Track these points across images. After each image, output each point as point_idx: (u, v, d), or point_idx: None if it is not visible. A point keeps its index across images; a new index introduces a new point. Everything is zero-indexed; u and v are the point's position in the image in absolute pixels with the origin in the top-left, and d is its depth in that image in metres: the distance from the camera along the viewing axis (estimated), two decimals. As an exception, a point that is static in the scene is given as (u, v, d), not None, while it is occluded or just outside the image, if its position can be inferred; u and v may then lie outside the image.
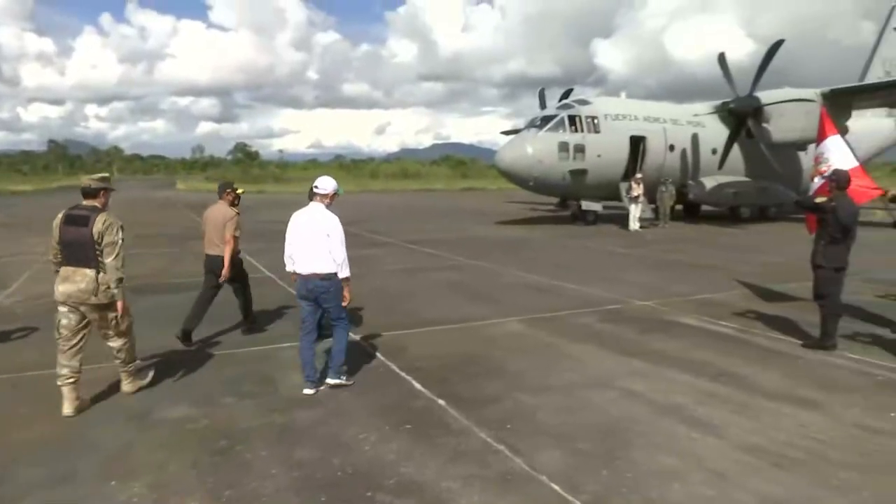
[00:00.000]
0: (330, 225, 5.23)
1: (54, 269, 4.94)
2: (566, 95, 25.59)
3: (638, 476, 3.84)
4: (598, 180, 21.53)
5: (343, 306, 5.45)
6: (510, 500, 3.56)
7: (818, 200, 6.91)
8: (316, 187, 5.42)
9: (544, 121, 21.53)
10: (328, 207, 5.39)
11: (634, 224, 20.27)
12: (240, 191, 7.37)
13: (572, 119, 21.21)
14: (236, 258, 7.07)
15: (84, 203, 4.94)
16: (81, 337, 4.93)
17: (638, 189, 20.47)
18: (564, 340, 6.99)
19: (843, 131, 20.95)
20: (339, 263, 5.24)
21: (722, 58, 22.87)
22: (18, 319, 7.85)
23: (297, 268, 5.36)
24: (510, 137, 24.56)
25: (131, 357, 5.24)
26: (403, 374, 5.78)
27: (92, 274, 4.79)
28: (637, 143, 21.98)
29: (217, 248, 6.92)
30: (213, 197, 7.38)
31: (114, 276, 4.81)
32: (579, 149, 21.01)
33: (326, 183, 5.43)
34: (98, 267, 4.80)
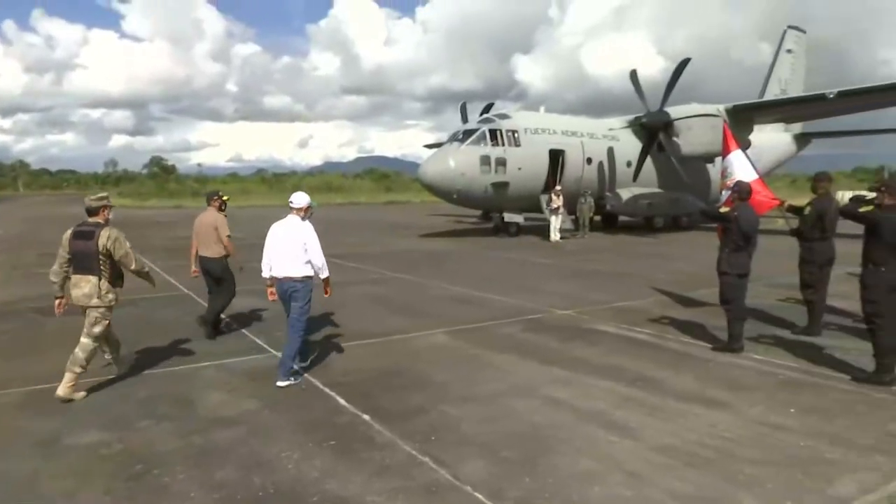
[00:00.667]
0: (305, 235, 5.90)
1: (53, 280, 5.65)
2: (487, 109, 26.05)
3: (559, 480, 3.93)
4: (520, 193, 21.98)
5: (308, 310, 6.05)
6: (435, 512, 3.57)
7: (722, 210, 7.30)
8: (291, 202, 6.11)
9: (466, 134, 21.82)
10: (305, 219, 6.08)
11: (555, 235, 20.78)
12: (225, 198, 8.10)
13: (493, 133, 21.60)
14: (224, 260, 7.73)
15: (89, 220, 5.67)
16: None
17: (558, 201, 21.02)
18: (488, 351, 7.08)
19: (746, 145, 22.25)
20: (320, 267, 5.92)
21: (633, 74, 23.89)
22: None
23: (275, 272, 5.99)
24: (433, 151, 24.77)
25: (84, 363, 5.55)
26: (327, 390, 5.70)
27: (94, 280, 5.53)
28: (556, 157, 22.60)
29: (210, 250, 7.64)
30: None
31: (142, 271, 5.83)
32: (500, 162, 21.40)
33: (300, 198, 6.11)
34: (100, 275, 5.53)
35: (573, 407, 5.27)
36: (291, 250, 5.91)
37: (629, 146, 24.57)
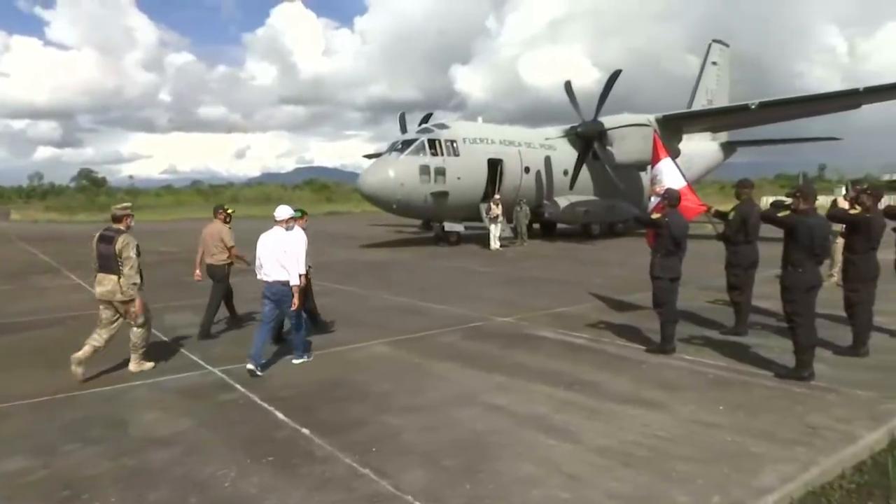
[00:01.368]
0: (287, 244, 6.76)
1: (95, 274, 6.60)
2: (426, 119, 26.18)
3: (500, 486, 3.98)
4: (459, 202, 22.16)
5: (297, 310, 6.85)
6: (376, 523, 3.57)
7: (653, 217, 7.55)
8: (274, 215, 6.97)
9: (405, 144, 21.88)
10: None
11: (495, 243, 21.00)
12: (230, 211, 9.07)
13: (432, 143, 21.72)
14: (228, 268, 8.63)
15: (113, 226, 6.62)
16: (115, 324, 6.61)
17: (497, 209, 21.27)
18: (429, 360, 7.11)
19: (676, 153, 23.07)
20: (292, 273, 6.69)
21: (568, 85, 24.46)
22: None
23: (264, 276, 6.84)
24: (373, 161, 24.72)
25: (143, 344, 6.78)
26: (265, 405, 5.61)
27: (115, 279, 6.45)
28: (495, 166, 22.88)
29: (214, 257, 8.53)
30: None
31: (128, 283, 6.45)
32: (440, 172, 21.54)
33: (281, 211, 7.00)
34: (119, 274, 6.43)
35: (514, 413, 5.35)
36: (275, 258, 6.73)
37: (565, 155, 25.10)
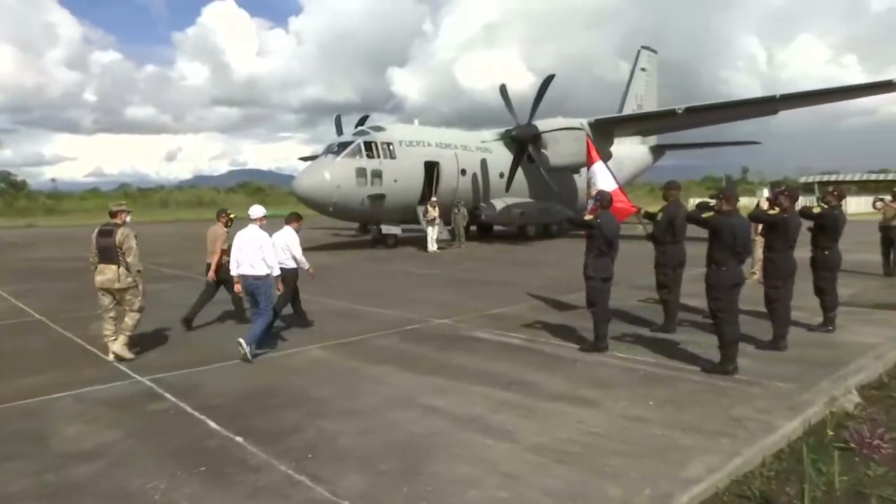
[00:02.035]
0: (262, 240, 7.47)
1: (91, 266, 7.36)
2: (362, 122, 26.04)
3: (437, 488, 4.00)
4: (396, 204, 22.14)
5: (270, 300, 7.54)
6: (314, 530, 3.52)
7: (586, 218, 7.74)
8: (249, 214, 7.74)
9: (341, 147, 21.72)
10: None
11: (433, 246, 21.07)
12: (232, 216, 9.53)
13: (368, 145, 21.64)
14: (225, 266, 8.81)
15: (111, 221, 7.39)
16: (114, 311, 7.34)
17: (434, 212, 21.35)
18: (366, 364, 7.07)
19: (608, 156, 23.69)
20: (272, 266, 7.44)
21: (503, 89, 24.80)
22: None
23: (240, 271, 7.46)
24: (308, 164, 24.42)
25: (132, 329, 7.36)
26: (197, 414, 5.46)
27: (115, 268, 7.19)
28: (431, 168, 22.96)
29: (213, 257, 9.15)
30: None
31: (133, 269, 7.24)
32: (376, 174, 21.47)
33: (256, 210, 7.76)
34: (119, 263, 7.18)
35: (451, 414, 5.38)
36: (251, 253, 7.39)
37: (501, 158, 25.41)
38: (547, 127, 24.03)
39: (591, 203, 9.04)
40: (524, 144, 24.49)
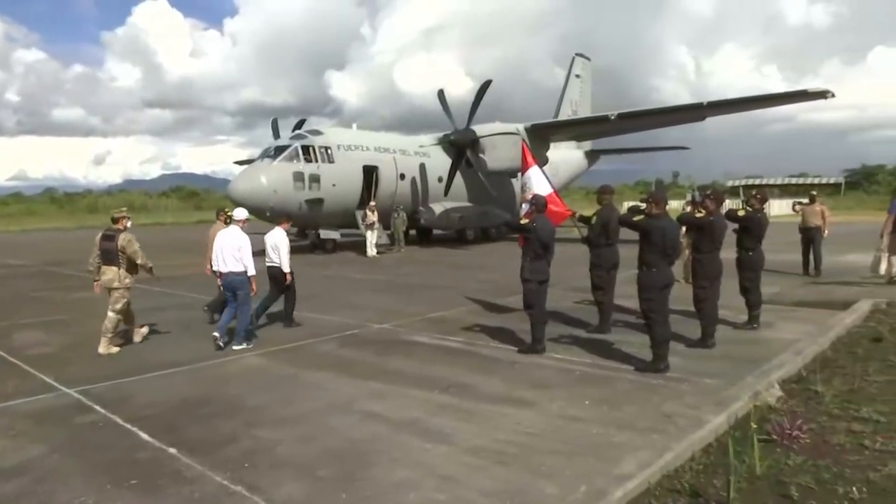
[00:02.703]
0: (241, 241, 8.08)
1: (90, 269, 8.10)
2: (300, 125, 25.67)
3: (376, 492, 3.98)
4: (335, 209, 21.92)
5: (250, 295, 8.18)
6: (249, 541, 3.45)
7: (522, 222, 7.85)
8: (233, 216, 8.49)
9: (278, 151, 21.36)
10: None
11: (372, 250, 20.96)
12: (231, 214, 9.25)
13: (306, 149, 21.36)
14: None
15: (113, 226, 7.96)
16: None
17: (373, 216, 21.25)
18: (304, 370, 6.98)
19: (544, 161, 24.10)
20: (248, 266, 8.05)
21: (441, 94, 24.92)
22: None
23: (221, 268, 8.12)
24: (244, 167, 23.92)
25: (112, 332, 7.88)
26: (127, 426, 5.27)
27: (115, 269, 7.83)
28: (370, 173, 22.84)
29: None
30: None
31: (146, 266, 8.05)
32: (314, 178, 21.21)
33: (239, 213, 8.51)
34: (119, 265, 7.82)
35: (390, 419, 5.37)
36: (232, 252, 7.99)
37: (440, 162, 25.50)
38: (484, 132, 24.27)
39: (525, 207, 9.20)
40: (462, 149, 24.65)
